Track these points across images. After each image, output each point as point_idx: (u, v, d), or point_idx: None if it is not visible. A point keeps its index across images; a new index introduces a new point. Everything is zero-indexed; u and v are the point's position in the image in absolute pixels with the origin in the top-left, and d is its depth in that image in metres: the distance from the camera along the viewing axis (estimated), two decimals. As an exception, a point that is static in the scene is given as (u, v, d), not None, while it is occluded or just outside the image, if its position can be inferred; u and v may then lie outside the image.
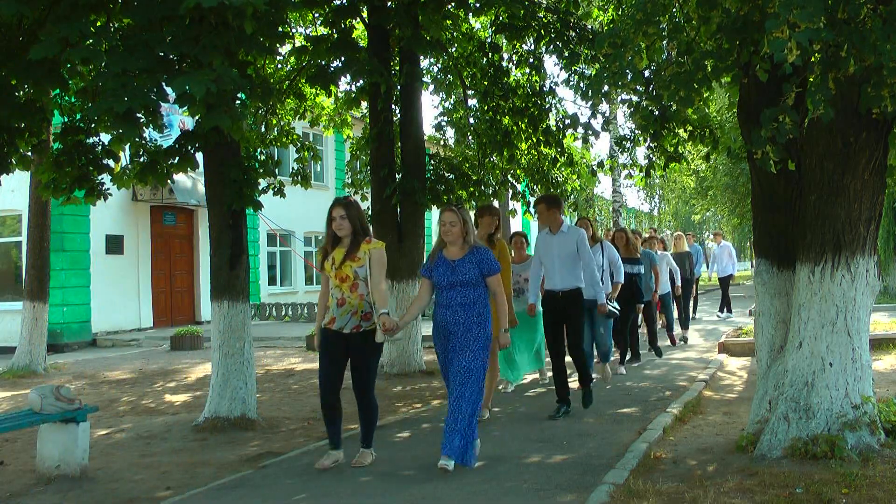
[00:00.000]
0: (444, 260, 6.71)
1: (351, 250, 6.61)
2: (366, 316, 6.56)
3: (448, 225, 6.68)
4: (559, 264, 8.70)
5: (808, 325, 6.27)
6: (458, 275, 6.60)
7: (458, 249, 6.70)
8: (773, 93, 5.99)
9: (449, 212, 6.76)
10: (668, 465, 6.43)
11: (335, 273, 6.62)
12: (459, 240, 6.69)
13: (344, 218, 6.62)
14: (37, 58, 6.72)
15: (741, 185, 26.71)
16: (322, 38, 11.41)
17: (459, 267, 6.62)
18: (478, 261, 6.65)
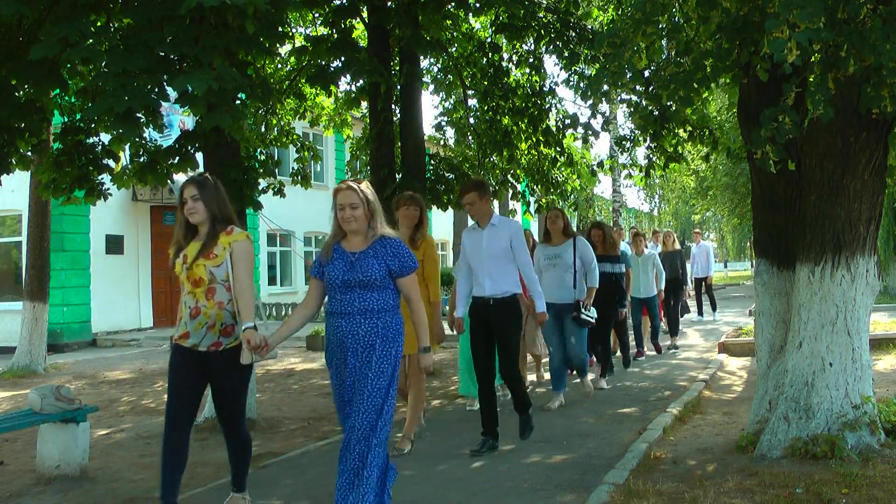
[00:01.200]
0: (341, 253, 5.07)
1: (206, 244, 5.25)
2: (226, 330, 5.22)
3: (348, 209, 5.02)
4: (489, 265, 7.15)
5: (808, 325, 6.27)
6: (357, 272, 4.96)
7: (361, 240, 5.07)
8: (773, 93, 5.99)
9: (347, 190, 5.06)
10: (668, 465, 6.44)
11: (186, 275, 5.24)
12: (364, 227, 5.05)
13: (197, 199, 5.25)
14: (37, 58, 6.72)
15: (741, 185, 26.69)
16: (322, 38, 11.41)
17: (361, 262, 4.99)
18: (385, 255, 5.03)
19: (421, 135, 12.60)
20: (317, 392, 11.22)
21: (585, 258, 9.11)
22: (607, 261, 10.55)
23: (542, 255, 9.18)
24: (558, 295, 8.87)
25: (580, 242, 9.16)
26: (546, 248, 9.23)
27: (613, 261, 10.82)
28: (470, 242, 7.34)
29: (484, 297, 7.20)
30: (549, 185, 15.09)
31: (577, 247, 9.08)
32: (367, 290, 4.97)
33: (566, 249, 9.08)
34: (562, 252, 9.09)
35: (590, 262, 9.12)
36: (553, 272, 9.06)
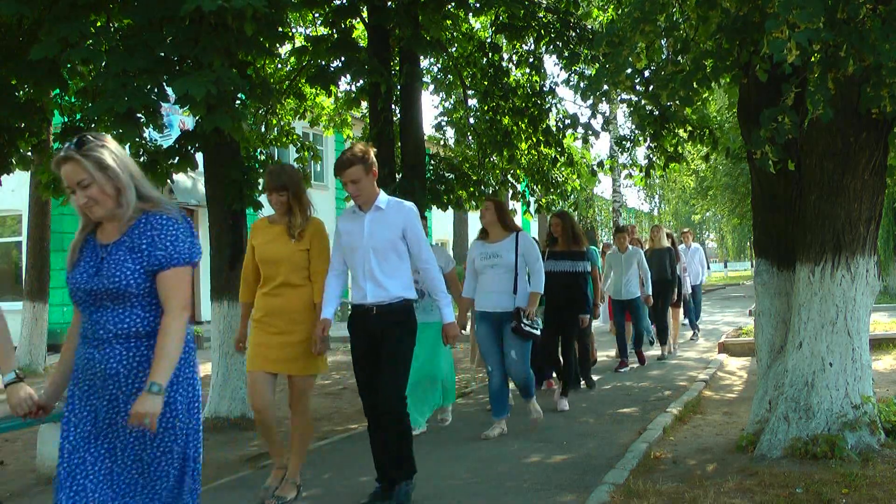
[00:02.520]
0: (93, 246, 3.53)
1: None
2: None
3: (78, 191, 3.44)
4: (372, 262, 5.48)
5: (808, 325, 6.27)
6: (103, 277, 3.37)
7: (115, 227, 3.45)
8: (773, 93, 5.99)
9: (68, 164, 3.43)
10: (668, 465, 6.44)
11: None
12: (111, 208, 3.39)
13: None
14: (37, 58, 6.74)
15: (741, 185, 26.69)
16: (322, 39, 11.40)
17: (109, 260, 3.39)
18: (140, 245, 3.35)
19: (421, 135, 12.59)
20: (316, 392, 11.20)
21: (529, 256, 7.70)
22: (568, 258, 9.26)
23: (477, 255, 7.79)
24: (497, 301, 7.60)
25: (523, 238, 7.74)
26: (482, 246, 7.78)
27: (576, 258, 9.31)
28: (347, 231, 5.64)
29: (364, 306, 5.52)
30: (549, 185, 15.06)
31: (520, 243, 7.66)
32: (119, 306, 3.37)
33: (506, 247, 7.66)
34: (500, 250, 7.65)
35: (534, 261, 7.70)
36: (490, 274, 7.66)
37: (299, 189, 5.72)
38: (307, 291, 5.71)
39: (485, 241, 7.82)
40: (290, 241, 5.66)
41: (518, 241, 7.66)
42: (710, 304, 25.47)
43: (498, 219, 7.79)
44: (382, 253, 5.51)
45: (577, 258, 9.32)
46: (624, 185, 29.50)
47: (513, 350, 7.55)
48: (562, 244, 9.38)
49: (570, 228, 9.46)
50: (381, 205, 5.57)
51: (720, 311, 23.41)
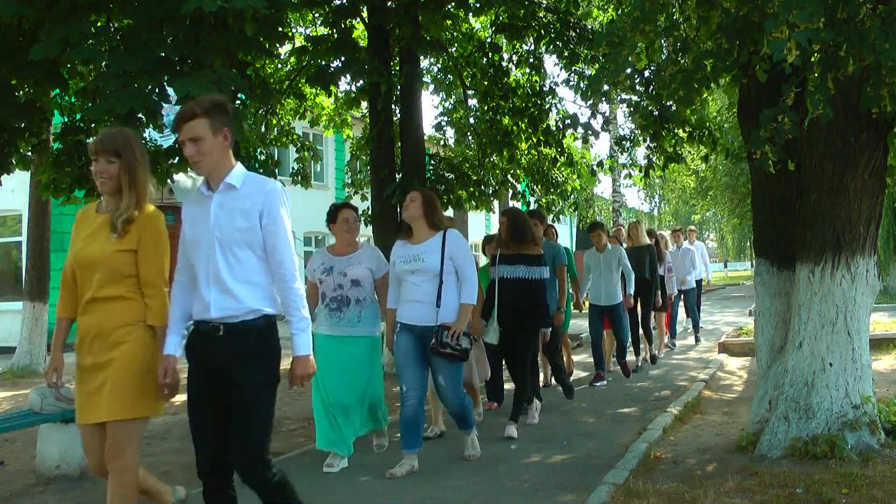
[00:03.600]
0: None
1: None
2: None
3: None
4: (222, 260, 4.02)
5: (807, 325, 6.27)
6: None
7: None
8: (773, 93, 5.99)
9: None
10: (668, 465, 6.44)
11: None
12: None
13: None
14: (37, 58, 6.74)
15: (741, 186, 26.70)
16: (322, 39, 11.41)
17: None
18: None
19: (421, 135, 12.60)
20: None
21: (458, 259, 6.37)
22: (522, 262, 7.83)
23: (397, 258, 6.46)
24: (419, 314, 6.32)
25: (452, 238, 6.38)
26: (404, 247, 6.48)
27: (532, 262, 7.84)
28: (191, 219, 4.17)
29: (207, 323, 4.08)
30: (549, 185, 15.09)
31: (448, 244, 6.34)
32: None
33: (430, 248, 6.35)
34: (424, 252, 6.35)
35: (464, 265, 6.38)
36: (412, 281, 6.37)
37: (136, 161, 4.23)
38: (131, 306, 4.23)
39: (407, 242, 6.50)
40: (111, 238, 4.19)
41: (445, 242, 6.33)
42: (709, 304, 25.45)
43: (424, 213, 6.40)
44: (231, 248, 3.99)
45: (533, 262, 7.82)
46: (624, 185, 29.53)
47: (441, 375, 6.32)
48: (514, 246, 7.88)
49: (520, 227, 7.91)
50: (235, 182, 4.16)
51: (720, 311, 23.40)
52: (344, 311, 6.57)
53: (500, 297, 7.79)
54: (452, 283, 6.36)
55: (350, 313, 6.60)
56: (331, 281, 6.65)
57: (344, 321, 6.56)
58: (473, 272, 6.42)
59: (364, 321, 6.65)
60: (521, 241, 7.86)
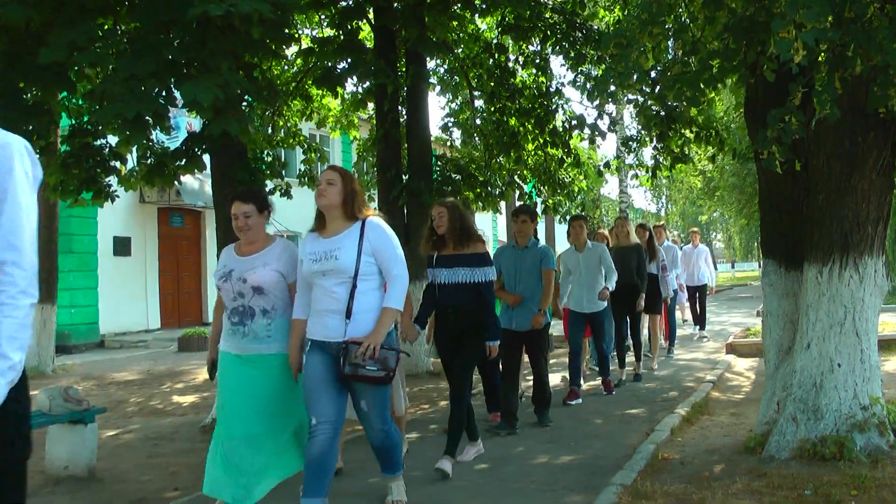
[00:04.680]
0: None
1: None
2: None
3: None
4: None
5: (816, 325, 6.25)
6: None
7: None
8: (780, 93, 5.97)
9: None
10: (675, 466, 6.42)
11: None
12: None
13: None
14: (45, 61, 6.77)
15: (748, 186, 26.65)
16: (328, 40, 11.42)
17: None
18: None
19: (427, 136, 12.61)
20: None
21: (384, 255, 5.06)
22: (463, 263, 6.69)
23: (305, 255, 5.13)
24: (331, 326, 5.02)
25: (373, 229, 5.06)
26: (315, 241, 5.16)
27: (474, 262, 6.71)
28: None
29: None
30: (555, 185, 15.08)
31: (367, 236, 5.04)
32: None
33: (345, 243, 5.04)
34: (336, 248, 5.03)
35: (390, 260, 5.05)
36: (323, 285, 5.04)
37: None
38: None
39: (319, 235, 5.20)
40: None
41: (364, 234, 5.05)
42: (717, 304, 25.42)
43: (343, 200, 5.11)
44: None
45: (475, 263, 6.70)
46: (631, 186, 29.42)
47: (363, 399, 5.09)
48: (451, 245, 6.76)
49: (458, 222, 6.75)
50: None
51: (727, 311, 23.36)
52: (248, 324, 5.25)
53: (440, 309, 6.84)
54: (372, 288, 5.05)
55: (256, 327, 5.24)
56: (229, 288, 5.29)
57: (249, 337, 5.25)
58: (403, 271, 5.07)
59: (276, 336, 5.25)
60: (461, 239, 6.72)
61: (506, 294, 8.13)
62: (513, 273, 8.15)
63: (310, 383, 5.03)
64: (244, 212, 5.34)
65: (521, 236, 8.21)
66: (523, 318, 8.05)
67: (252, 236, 5.40)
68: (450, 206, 6.84)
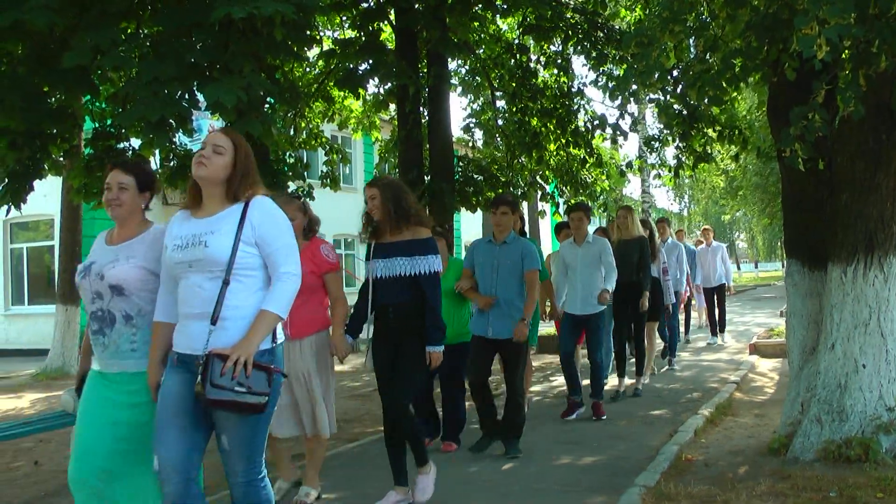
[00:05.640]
0: None
1: None
2: None
3: None
4: None
5: (840, 326, 6.20)
6: None
7: None
8: (803, 90, 5.93)
9: None
10: (699, 468, 6.39)
11: None
12: None
13: None
14: (69, 65, 6.81)
15: (771, 185, 26.53)
16: (350, 42, 11.46)
17: None
18: None
19: (449, 136, 12.61)
20: (347, 394, 11.25)
21: (272, 245, 3.87)
22: (402, 252, 5.57)
23: (170, 242, 3.94)
24: (195, 336, 3.78)
25: (259, 207, 3.88)
26: (183, 223, 3.98)
27: (415, 250, 5.58)
28: None
29: None
30: (578, 185, 15.05)
31: (250, 218, 3.85)
32: None
33: (220, 227, 3.85)
34: (208, 231, 3.85)
35: (278, 252, 3.87)
36: (191, 281, 3.84)
37: None
38: None
39: (191, 215, 4.00)
40: None
41: (245, 217, 3.85)
42: (740, 304, 25.29)
43: (228, 177, 3.90)
44: None
45: (415, 251, 5.57)
46: (653, 186, 29.30)
47: (224, 435, 3.82)
48: (388, 231, 5.65)
49: (392, 202, 5.57)
50: None
51: (751, 311, 23.22)
52: (108, 334, 4.10)
53: (375, 305, 5.73)
54: (252, 288, 3.84)
55: (117, 338, 4.09)
56: (87, 287, 4.21)
57: (111, 350, 4.10)
58: (295, 268, 3.88)
59: (143, 349, 4.07)
60: (397, 223, 5.59)
61: (476, 295, 7.16)
62: (489, 272, 7.11)
63: (161, 413, 3.82)
64: (120, 182, 4.20)
65: (499, 230, 7.16)
66: (502, 325, 6.98)
67: (121, 215, 4.27)
68: (382, 185, 5.65)
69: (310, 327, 5.72)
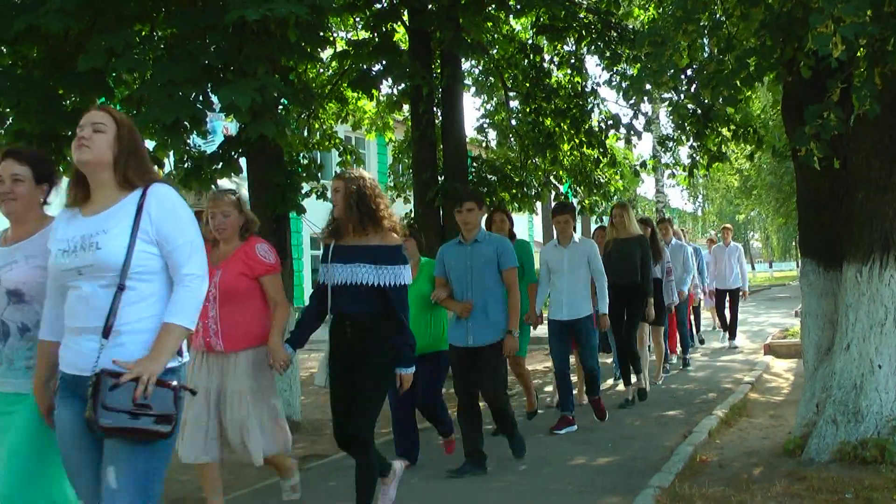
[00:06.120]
0: None
1: None
2: None
3: None
4: None
5: (855, 326, 6.17)
6: None
7: None
8: (818, 89, 5.91)
9: None
10: (713, 469, 6.38)
11: None
12: None
13: None
14: (84, 69, 6.86)
15: (786, 184, 26.40)
16: (363, 42, 11.46)
17: None
18: None
19: (463, 137, 12.61)
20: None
21: (170, 243, 3.33)
22: (363, 257, 4.98)
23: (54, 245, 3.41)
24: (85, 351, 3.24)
25: (158, 197, 3.34)
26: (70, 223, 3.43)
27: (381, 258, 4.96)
28: None
29: None
30: (592, 186, 15.02)
31: (148, 211, 3.31)
32: None
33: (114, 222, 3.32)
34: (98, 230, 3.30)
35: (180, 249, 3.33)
36: (80, 290, 3.29)
37: None
38: None
39: (80, 212, 3.42)
40: None
41: (143, 209, 3.30)
42: (754, 304, 25.18)
43: (115, 157, 3.34)
44: None
45: (383, 259, 4.96)
46: (667, 185, 29.28)
47: (112, 466, 3.16)
48: (351, 231, 5.07)
49: (356, 198, 4.98)
50: None
51: (765, 311, 23.13)
52: (1, 349, 3.67)
53: (336, 321, 5.11)
54: (153, 296, 3.30)
55: (11, 352, 3.67)
56: None
57: (4, 366, 3.67)
58: (200, 269, 3.33)
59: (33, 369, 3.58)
60: (362, 223, 4.99)
61: (453, 303, 6.55)
62: (462, 275, 6.53)
63: (64, 447, 3.33)
64: (14, 174, 3.72)
65: (466, 228, 6.58)
66: (482, 331, 6.44)
67: (16, 210, 3.76)
68: (347, 178, 5.07)
69: (245, 340, 5.11)
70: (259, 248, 5.24)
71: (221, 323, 4.76)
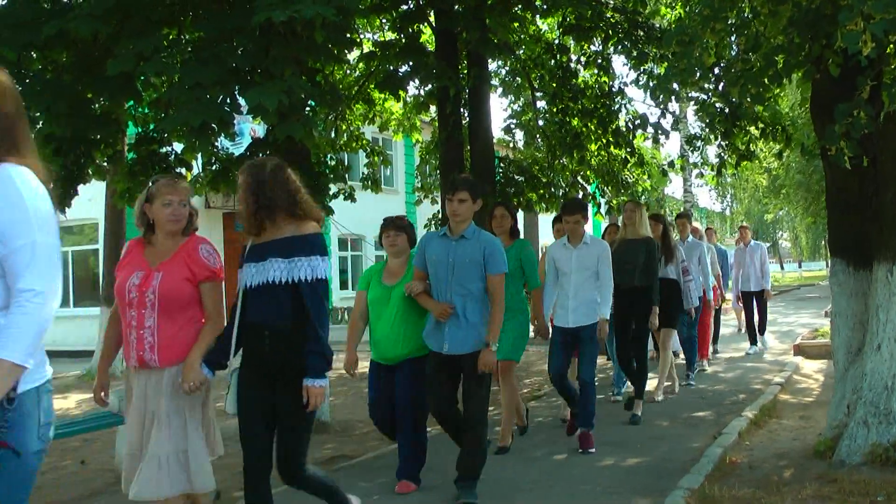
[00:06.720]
0: None
1: None
2: None
3: None
4: None
5: (886, 326, 6.10)
6: None
7: None
8: (847, 87, 5.86)
9: None
10: (743, 471, 6.34)
11: None
12: None
13: None
14: (113, 73, 6.92)
15: (815, 183, 26.22)
16: (390, 44, 11.48)
17: None
18: None
19: (490, 137, 12.59)
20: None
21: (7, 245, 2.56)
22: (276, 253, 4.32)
23: None
24: None
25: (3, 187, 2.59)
26: None
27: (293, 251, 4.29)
28: None
29: None
30: (619, 186, 14.97)
31: None
32: None
33: None
34: None
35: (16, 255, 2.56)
36: None
37: None
38: None
39: None
40: None
41: None
42: (783, 305, 25.00)
43: None
44: None
45: (295, 251, 4.30)
46: (695, 185, 29.09)
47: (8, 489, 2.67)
48: (267, 227, 4.38)
49: (259, 190, 4.31)
50: None
51: (795, 312, 22.95)
52: None
53: (250, 331, 4.43)
54: None
55: None
56: None
57: None
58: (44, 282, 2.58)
59: None
60: (269, 214, 4.31)
61: (430, 301, 5.80)
62: (443, 272, 5.72)
63: None
64: None
65: (455, 220, 5.74)
66: (461, 338, 5.65)
67: None
68: (247, 169, 4.43)
69: (184, 355, 4.33)
70: (203, 248, 4.41)
71: (159, 334, 4.17)
